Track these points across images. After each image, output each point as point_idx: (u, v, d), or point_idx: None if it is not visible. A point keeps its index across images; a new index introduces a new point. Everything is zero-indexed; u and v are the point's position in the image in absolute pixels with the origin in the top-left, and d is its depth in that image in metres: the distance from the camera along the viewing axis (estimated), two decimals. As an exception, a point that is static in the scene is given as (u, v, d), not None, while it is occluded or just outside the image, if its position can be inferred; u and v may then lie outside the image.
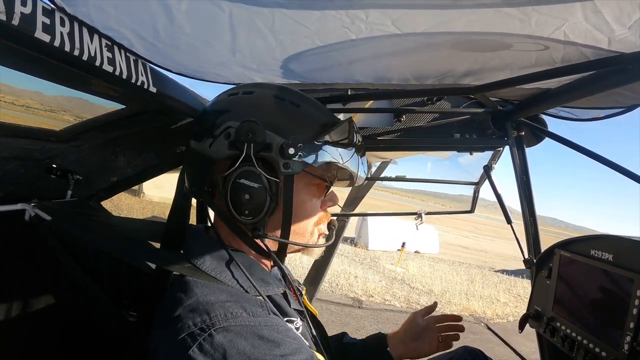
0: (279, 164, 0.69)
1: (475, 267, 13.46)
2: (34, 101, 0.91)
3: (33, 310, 0.95)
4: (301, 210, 0.77)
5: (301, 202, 0.76)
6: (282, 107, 0.75)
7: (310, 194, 0.78)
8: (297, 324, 0.75)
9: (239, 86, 0.83)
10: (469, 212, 2.02)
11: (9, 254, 0.91)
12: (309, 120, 0.74)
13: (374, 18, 0.66)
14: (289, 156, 0.68)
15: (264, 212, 0.70)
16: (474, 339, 5.95)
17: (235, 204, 0.70)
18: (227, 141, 0.70)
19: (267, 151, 0.69)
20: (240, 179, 0.69)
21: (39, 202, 0.94)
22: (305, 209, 0.78)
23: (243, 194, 0.69)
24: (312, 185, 0.78)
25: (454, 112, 1.46)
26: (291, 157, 0.68)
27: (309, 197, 0.78)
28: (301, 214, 0.77)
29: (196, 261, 0.72)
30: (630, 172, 1.09)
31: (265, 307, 0.67)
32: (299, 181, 0.74)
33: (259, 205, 0.70)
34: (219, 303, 0.62)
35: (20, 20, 0.49)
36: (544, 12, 0.61)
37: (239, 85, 0.84)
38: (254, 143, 0.67)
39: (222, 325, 0.58)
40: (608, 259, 1.06)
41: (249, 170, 0.69)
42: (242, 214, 0.71)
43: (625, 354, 0.95)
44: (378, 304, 7.10)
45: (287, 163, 0.69)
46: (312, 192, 0.78)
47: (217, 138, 0.71)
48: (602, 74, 0.90)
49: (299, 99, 0.77)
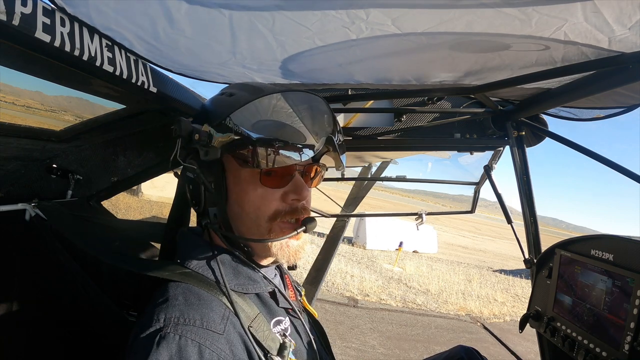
0: (200, 152, 0.70)
1: (473, 266, 13.49)
2: (35, 101, 0.91)
3: (33, 310, 0.95)
4: (245, 202, 0.73)
5: (244, 193, 0.73)
6: (215, 100, 0.79)
7: (255, 184, 0.72)
8: (285, 324, 0.75)
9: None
10: (469, 212, 2.02)
11: (9, 254, 0.91)
12: (227, 105, 0.72)
13: (374, 18, 0.66)
14: (203, 143, 0.69)
15: (202, 200, 0.74)
16: (470, 339, 5.97)
17: (188, 195, 0.78)
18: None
19: (191, 143, 0.70)
20: (185, 172, 0.76)
21: (39, 202, 0.94)
22: (250, 201, 0.72)
23: (189, 185, 0.76)
24: (260, 174, 0.71)
25: (455, 112, 1.46)
26: (206, 144, 0.69)
27: (253, 187, 0.72)
28: (247, 207, 0.73)
29: (184, 261, 0.74)
30: (630, 172, 1.09)
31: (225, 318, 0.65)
32: (240, 170, 0.72)
33: (197, 194, 0.75)
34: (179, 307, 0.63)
35: (20, 21, 0.49)
36: (544, 12, 0.61)
37: None
38: (181, 137, 0.70)
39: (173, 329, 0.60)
40: (608, 259, 1.06)
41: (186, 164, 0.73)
42: (192, 204, 0.78)
43: (625, 353, 0.95)
44: (374, 303, 7.12)
45: (207, 150, 0.69)
46: (257, 183, 0.72)
47: None
48: (603, 74, 0.90)
49: (241, 89, 0.76)
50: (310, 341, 0.81)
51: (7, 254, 0.91)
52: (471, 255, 17.49)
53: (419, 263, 11.50)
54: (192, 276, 0.70)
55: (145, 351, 0.57)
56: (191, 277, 0.70)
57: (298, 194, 0.74)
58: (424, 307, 7.43)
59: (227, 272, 0.72)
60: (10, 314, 0.91)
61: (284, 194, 0.74)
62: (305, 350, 0.78)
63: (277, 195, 0.73)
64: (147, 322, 0.61)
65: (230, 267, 0.74)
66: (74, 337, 0.97)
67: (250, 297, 0.73)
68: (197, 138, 0.68)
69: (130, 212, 7.95)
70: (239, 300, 0.69)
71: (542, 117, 1.39)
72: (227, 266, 0.74)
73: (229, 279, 0.71)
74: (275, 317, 0.74)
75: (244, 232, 0.75)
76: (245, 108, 0.69)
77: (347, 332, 5.25)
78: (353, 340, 5.27)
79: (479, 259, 16.48)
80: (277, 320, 0.74)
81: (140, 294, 0.92)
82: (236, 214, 0.74)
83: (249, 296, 0.73)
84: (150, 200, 9.71)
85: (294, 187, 0.74)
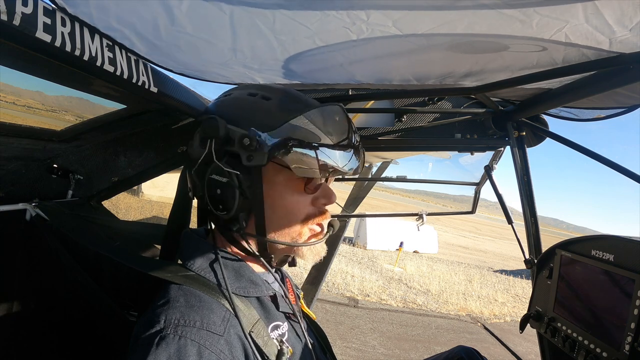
0: (242, 157, 0.68)
1: (474, 267, 13.48)
2: (35, 101, 0.91)
3: (34, 310, 0.95)
4: (279, 207, 0.74)
5: (279, 198, 0.73)
6: (250, 102, 0.74)
7: (290, 189, 0.74)
8: (283, 329, 0.75)
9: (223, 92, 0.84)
10: (470, 212, 2.02)
11: (10, 254, 0.91)
12: (276, 111, 0.72)
13: (374, 19, 0.66)
14: (248, 148, 0.67)
15: (235, 206, 0.70)
16: (470, 339, 5.96)
17: (211, 199, 0.73)
18: (199, 140, 0.73)
19: (230, 145, 0.69)
20: (212, 174, 0.71)
21: (40, 202, 0.94)
22: (285, 206, 0.74)
23: (215, 189, 0.71)
24: (296, 180, 0.73)
25: (455, 112, 1.46)
26: (250, 149, 0.67)
27: (289, 193, 0.74)
28: (280, 211, 0.74)
29: (187, 262, 0.74)
30: (630, 172, 1.09)
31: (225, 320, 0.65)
32: (276, 175, 0.72)
33: (230, 200, 0.70)
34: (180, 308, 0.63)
35: (21, 21, 0.49)
36: (545, 13, 0.61)
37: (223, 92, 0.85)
38: (215, 138, 0.68)
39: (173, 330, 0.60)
40: (609, 259, 1.06)
41: (217, 166, 0.70)
42: (218, 209, 0.72)
43: (626, 354, 0.95)
44: (374, 303, 7.12)
45: (250, 155, 0.68)
46: (294, 187, 0.74)
47: (194, 138, 0.75)
48: (603, 74, 0.90)
49: (273, 93, 0.75)
50: (309, 346, 0.81)
51: (8, 253, 0.91)
52: (472, 256, 17.47)
53: (420, 263, 11.50)
54: (194, 279, 0.70)
55: (145, 352, 0.57)
56: (193, 279, 0.70)
57: (328, 199, 0.78)
58: (424, 308, 7.43)
59: (229, 275, 0.73)
60: (11, 314, 0.91)
61: (314, 199, 0.77)
62: (304, 356, 0.78)
63: (309, 200, 0.76)
64: (147, 323, 0.62)
65: (233, 270, 0.74)
66: (75, 337, 0.97)
67: (250, 300, 0.73)
68: (248, 142, 0.66)
69: (131, 212, 7.94)
70: (240, 303, 0.69)
71: (543, 117, 1.39)
72: (229, 269, 0.74)
73: (231, 282, 0.72)
74: (273, 322, 0.74)
75: (275, 237, 0.75)
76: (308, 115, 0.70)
77: (348, 332, 5.25)
78: (353, 341, 5.27)
79: (480, 259, 16.47)
80: (275, 325, 0.74)
81: (140, 294, 0.92)
82: (268, 218, 0.74)
83: (250, 299, 0.73)
84: (150, 200, 9.69)
85: (324, 192, 0.78)
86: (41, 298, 0.95)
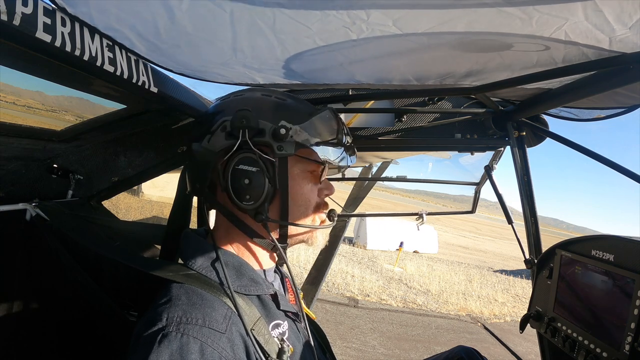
0: (273, 147, 0.73)
1: (474, 267, 13.48)
2: (35, 101, 0.91)
3: (34, 310, 0.95)
4: (299, 195, 0.79)
5: (298, 187, 0.79)
6: (270, 101, 0.79)
7: (306, 180, 0.81)
8: (283, 327, 0.76)
9: (230, 93, 0.86)
10: (470, 212, 2.02)
11: (10, 254, 0.91)
12: (295, 110, 0.79)
13: (375, 18, 0.66)
14: (281, 138, 0.73)
15: (264, 195, 0.74)
16: (470, 339, 5.96)
17: (236, 190, 0.74)
18: (224, 133, 0.74)
19: (261, 136, 0.73)
20: (239, 165, 0.73)
21: (40, 202, 0.94)
22: (303, 194, 0.80)
23: (243, 179, 0.73)
24: (307, 171, 0.81)
25: (455, 112, 1.46)
26: (283, 139, 0.73)
27: (305, 182, 0.80)
28: (299, 200, 0.79)
29: (188, 262, 0.75)
30: (630, 172, 1.09)
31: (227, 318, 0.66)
32: (294, 167, 0.78)
33: (258, 189, 0.74)
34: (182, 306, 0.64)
35: (21, 21, 0.49)
36: (545, 11, 0.61)
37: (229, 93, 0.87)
38: (248, 129, 0.72)
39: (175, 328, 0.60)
40: (609, 260, 1.06)
41: (246, 156, 0.73)
42: (244, 199, 0.74)
43: (626, 354, 0.95)
44: (374, 303, 7.12)
45: (281, 145, 0.73)
46: (307, 178, 0.81)
47: (214, 133, 0.75)
48: (603, 74, 0.90)
49: (284, 96, 0.82)
50: (309, 345, 0.81)
51: (8, 253, 0.91)
52: (472, 256, 17.48)
53: (420, 263, 11.49)
54: (195, 277, 0.71)
55: (147, 349, 0.57)
56: (194, 278, 0.70)
57: (329, 189, 0.87)
58: (424, 308, 7.43)
59: (230, 273, 0.73)
60: (11, 314, 0.91)
61: (320, 190, 0.84)
62: (304, 354, 0.78)
63: (317, 191, 0.84)
64: (149, 321, 0.62)
65: (234, 268, 0.75)
66: (75, 337, 0.97)
67: (251, 298, 0.74)
68: (284, 132, 0.72)
69: (131, 212, 7.93)
70: (241, 301, 0.70)
71: (543, 117, 1.39)
72: (230, 268, 0.75)
73: (232, 280, 0.72)
74: (274, 320, 0.75)
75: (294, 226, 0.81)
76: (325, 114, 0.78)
77: (348, 332, 5.25)
78: (353, 341, 5.27)
79: (480, 259, 16.47)
80: (276, 323, 0.75)
81: (141, 294, 0.92)
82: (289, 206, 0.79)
83: (251, 298, 0.74)
84: (150, 200, 9.68)
85: (326, 184, 0.86)
86: (41, 298, 0.95)
